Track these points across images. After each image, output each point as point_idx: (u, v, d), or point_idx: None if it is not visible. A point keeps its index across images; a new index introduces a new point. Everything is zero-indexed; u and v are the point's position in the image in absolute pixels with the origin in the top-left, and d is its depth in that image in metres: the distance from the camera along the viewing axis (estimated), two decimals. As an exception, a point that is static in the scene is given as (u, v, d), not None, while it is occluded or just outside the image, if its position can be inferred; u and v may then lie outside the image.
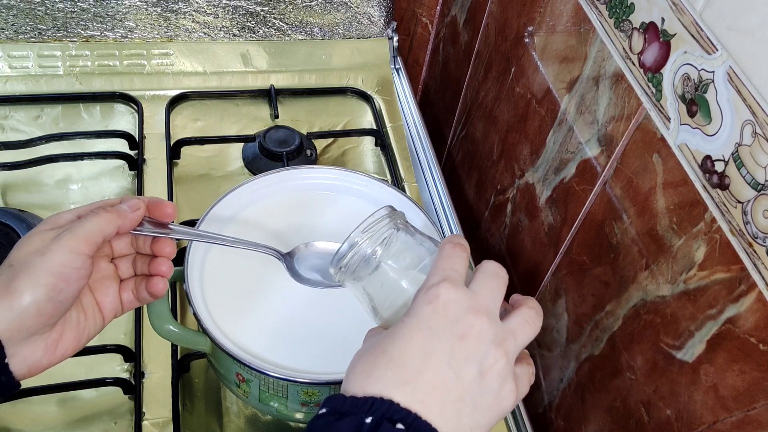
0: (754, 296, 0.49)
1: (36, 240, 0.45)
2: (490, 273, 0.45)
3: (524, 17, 0.81)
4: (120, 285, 0.52)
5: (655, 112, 0.58)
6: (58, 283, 0.44)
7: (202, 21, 0.94)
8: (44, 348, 0.46)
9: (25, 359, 0.45)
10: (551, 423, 0.78)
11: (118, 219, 0.48)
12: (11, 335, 0.43)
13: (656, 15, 0.57)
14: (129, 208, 0.49)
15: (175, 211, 0.52)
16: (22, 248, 0.45)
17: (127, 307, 0.52)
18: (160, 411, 0.65)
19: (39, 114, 0.88)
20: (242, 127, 0.92)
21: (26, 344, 0.45)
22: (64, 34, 0.90)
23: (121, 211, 0.48)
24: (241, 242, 0.57)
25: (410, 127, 0.98)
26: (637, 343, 0.62)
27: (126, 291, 0.52)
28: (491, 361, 0.42)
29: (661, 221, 0.58)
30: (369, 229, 0.48)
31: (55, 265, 0.44)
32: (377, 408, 0.39)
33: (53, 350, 0.47)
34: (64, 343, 0.48)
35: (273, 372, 0.55)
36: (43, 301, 0.44)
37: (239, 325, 0.58)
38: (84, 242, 0.45)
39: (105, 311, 0.51)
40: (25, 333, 0.44)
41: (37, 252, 0.44)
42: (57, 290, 0.44)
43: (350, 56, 1.01)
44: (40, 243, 0.45)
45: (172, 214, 0.51)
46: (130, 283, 0.52)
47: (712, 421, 0.53)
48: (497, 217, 0.91)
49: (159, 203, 0.51)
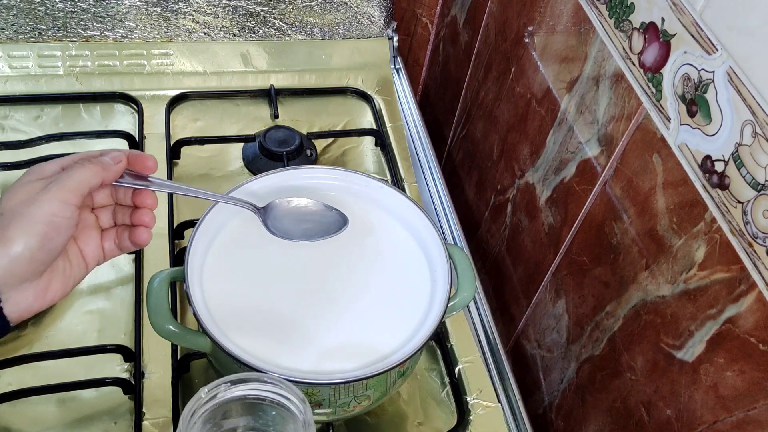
0: (754, 296, 0.49)
1: (25, 190, 0.47)
2: None
3: (524, 17, 0.81)
4: (101, 234, 0.54)
5: (655, 112, 0.58)
6: (50, 231, 0.47)
7: (202, 21, 0.94)
8: (34, 294, 0.48)
9: (17, 304, 0.48)
10: (551, 423, 0.78)
11: (102, 171, 0.50)
12: (5, 281, 0.46)
13: (656, 15, 0.57)
14: (112, 161, 0.51)
15: (155, 165, 0.54)
16: (11, 198, 0.47)
17: (109, 255, 0.55)
18: (160, 411, 0.65)
19: (39, 114, 0.88)
20: (242, 127, 0.92)
21: (18, 290, 0.47)
22: (64, 34, 0.90)
23: (105, 163, 0.51)
24: (217, 196, 0.59)
25: (410, 127, 0.98)
26: (637, 343, 0.62)
27: (107, 240, 0.54)
28: None
29: (661, 221, 0.58)
30: None
31: (46, 214, 0.46)
32: None
33: (43, 296, 0.49)
34: (52, 289, 0.50)
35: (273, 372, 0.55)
36: (35, 248, 0.46)
37: (239, 325, 0.58)
38: (72, 193, 0.48)
39: (88, 259, 0.53)
40: (18, 279, 0.47)
41: (27, 202, 0.47)
42: (48, 238, 0.47)
43: (350, 56, 1.00)
44: (29, 193, 0.47)
45: (153, 167, 0.54)
46: (111, 233, 0.54)
47: (713, 420, 0.53)
48: (497, 218, 0.91)
49: (140, 156, 0.53)
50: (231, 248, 0.63)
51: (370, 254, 0.64)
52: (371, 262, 0.64)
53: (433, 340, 0.73)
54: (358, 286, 0.62)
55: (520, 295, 0.85)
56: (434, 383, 0.71)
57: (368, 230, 0.66)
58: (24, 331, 0.68)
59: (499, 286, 0.91)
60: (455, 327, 0.74)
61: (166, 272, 0.59)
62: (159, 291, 0.58)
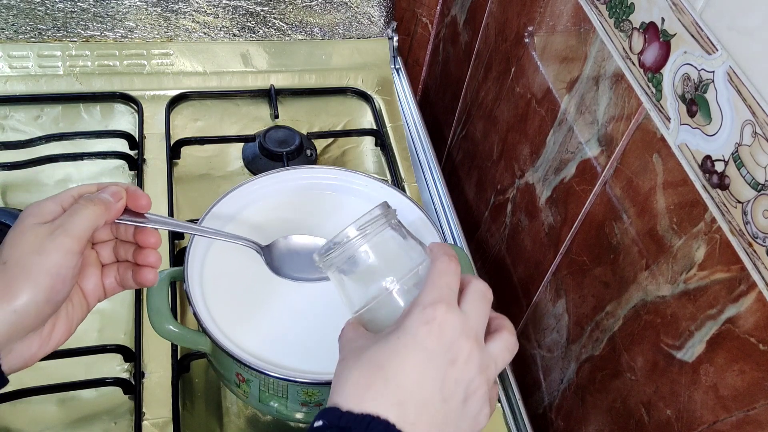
0: (754, 296, 0.49)
1: (29, 239, 0.45)
2: (480, 294, 0.46)
3: (524, 17, 0.81)
4: (101, 271, 0.52)
5: (655, 112, 0.58)
6: (56, 284, 0.45)
7: (202, 21, 0.94)
8: (39, 342, 0.47)
9: (21, 354, 0.46)
10: (551, 423, 0.78)
11: (105, 212, 0.48)
12: (10, 336, 0.44)
13: (656, 15, 0.57)
14: (113, 198, 0.49)
15: (149, 203, 0.51)
16: (15, 246, 0.45)
17: (110, 292, 0.53)
18: (160, 411, 0.65)
19: (39, 114, 0.88)
20: (242, 127, 0.92)
21: (22, 342, 0.46)
22: (64, 34, 0.90)
23: (108, 203, 0.48)
24: (220, 234, 0.57)
25: (410, 127, 0.98)
26: (637, 343, 0.62)
27: (108, 277, 0.52)
28: (475, 386, 0.43)
29: (661, 221, 0.58)
30: (363, 226, 0.47)
31: (52, 266, 0.44)
32: (374, 427, 0.40)
33: (47, 342, 0.48)
34: (57, 333, 0.48)
35: (273, 372, 0.55)
36: (42, 302, 0.44)
37: (239, 325, 0.58)
38: (77, 240, 0.46)
39: (89, 297, 0.51)
40: (23, 332, 0.45)
41: (32, 252, 0.44)
42: (55, 291, 0.45)
43: (350, 56, 1.01)
44: (34, 241, 0.45)
45: (146, 206, 0.51)
46: (113, 269, 0.53)
47: (712, 421, 0.53)
48: (497, 217, 0.91)
49: (134, 194, 0.51)
50: (231, 248, 0.63)
51: (370, 254, 0.64)
52: (371, 262, 0.64)
53: (433, 340, 0.73)
54: (358, 286, 0.62)
55: (520, 295, 0.85)
56: (434, 383, 0.71)
57: (368, 230, 0.66)
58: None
59: (499, 286, 0.91)
60: (455, 327, 0.74)
61: (166, 272, 0.59)
62: (159, 291, 0.58)
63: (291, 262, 0.59)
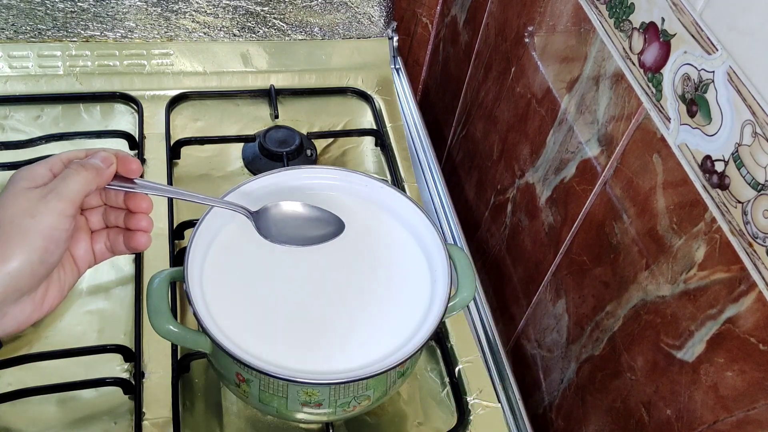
0: (754, 296, 0.49)
1: (21, 201, 0.46)
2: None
3: (524, 17, 0.81)
4: (91, 237, 0.53)
5: (655, 112, 0.58)
6: (50, 245, 0.46)
7: (202, 21, 0.94)
8: (32, 305, 0.48)
9: (15, 317, 0.47)
10: (551, 423, 0.78)
11: (96, 177, 0.49)
12: (5, 297, 0.45)
13: (656, 15, 0.57)
14: (103, 164, 0.50)
15: (139, 168, 0.52)
16: (7, 208, 0.46)
17: (100, 258, 0.54)
18: (160, 411, 0.65)
19: (39, 114, 0.88)
20: (242, 127, 0.92)
21: (17, 304, 0.47)
22: (64, 34, 0.90)
23: (98, 168, 0.49)
24: (209, 200, 0.58)
25: (410, 127, 0.98)
26: (637, 343, 0.62)
27: (98, 243, 0.53)
28: None
29: (661, 221, 0.58)
30: None
31: (45, 228, 0.46)
32: None
33: (40, 306, 0.49)
34: (50, 297, 0.49)
35: (273, 372, 0.55)
36: (36, 263, 0.46)
37: (239, 325, 0.58)
38: (70, 203, 0.47)
39: (79, 263, 0.52)
40: (18, 293, 0.46)
41: (25, 214, 0.45)
42: (49, 252, 0.46)
43: (350, 56, 1.00)
44: (26, 204, 0.46)
45: (137, 171, 0.52)
46: (102, 235, 0.53)
47: (713, 420, 0.53)
48: (497, 217, 0.91)
49: (124, 159, 0.52)
50: (231, 248, 0.63)
51: (370, 254, 0.64)
52: (371, 262, 0.64)
53: (433, 340, 0.73)
54: (358, 286, 0.62)
55: (520, 294, 0.85)
56: (434, 383, 0.71)
57: (368, 230, 0.66)
58: (24, 331, 0.68)
59: (499, 286, 0.91)
60: (455, 327, 0.74)
61: (166, 272, 0.59)
62: (159, 291, 0.58)
63: (281, 228, 0.60)
